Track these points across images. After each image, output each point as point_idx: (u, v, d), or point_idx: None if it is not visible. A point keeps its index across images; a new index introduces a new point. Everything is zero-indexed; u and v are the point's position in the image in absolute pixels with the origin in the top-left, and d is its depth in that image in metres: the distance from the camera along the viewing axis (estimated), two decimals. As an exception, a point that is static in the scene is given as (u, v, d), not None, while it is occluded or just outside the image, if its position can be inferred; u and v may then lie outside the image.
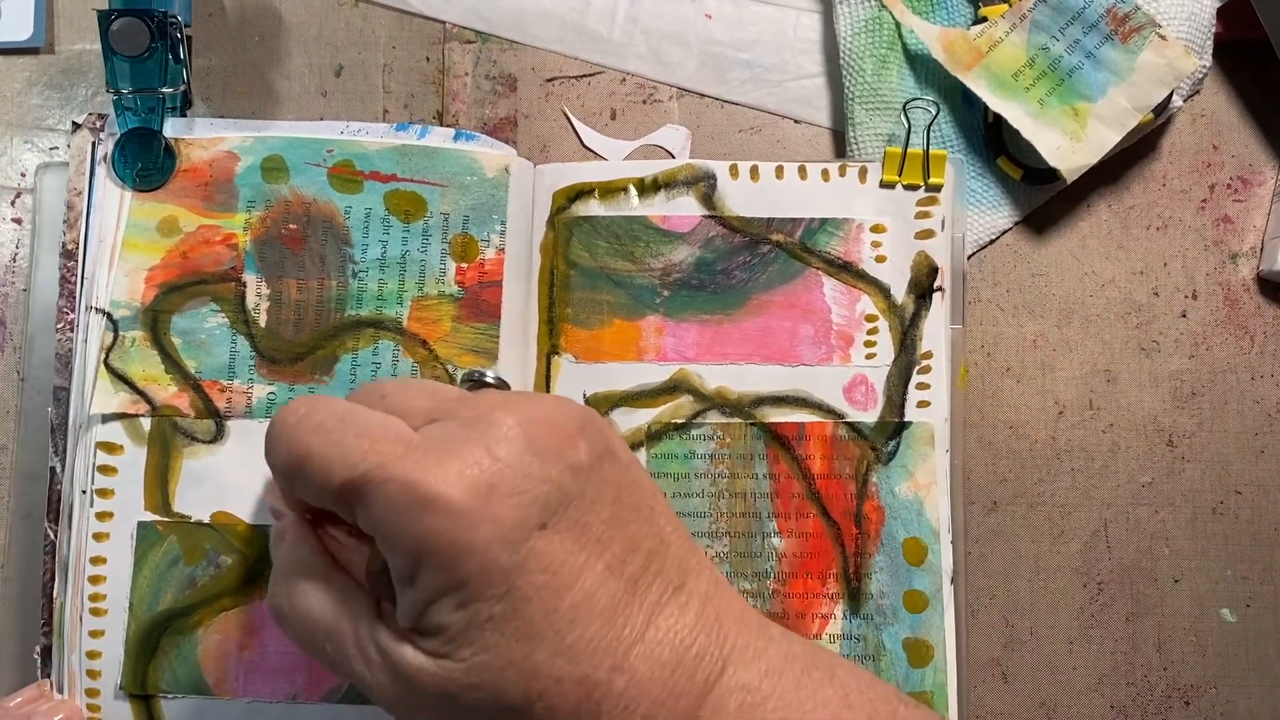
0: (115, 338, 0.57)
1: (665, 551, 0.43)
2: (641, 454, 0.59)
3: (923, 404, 0.59)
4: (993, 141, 0.62)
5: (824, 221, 0.60)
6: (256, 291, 0.58)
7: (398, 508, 0.39)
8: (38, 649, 0.57)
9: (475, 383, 0.50)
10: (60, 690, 0.56)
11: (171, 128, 0.59)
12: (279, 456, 0.43)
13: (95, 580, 0.56)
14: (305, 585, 0.44)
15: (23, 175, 0.63)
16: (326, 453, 0.41)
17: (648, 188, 0.61)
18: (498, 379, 0.50)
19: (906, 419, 0.59)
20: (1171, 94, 0.60)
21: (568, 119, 0.64)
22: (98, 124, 0.59)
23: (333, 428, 0.42)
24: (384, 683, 0.41)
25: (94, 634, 0.56)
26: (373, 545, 0.42)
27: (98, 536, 0.56)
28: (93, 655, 0.56)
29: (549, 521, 0.40)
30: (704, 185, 0.61)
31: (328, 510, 0.44)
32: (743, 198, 0.61)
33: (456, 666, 0.40)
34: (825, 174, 0.61)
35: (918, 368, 0.60)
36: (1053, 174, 0.61)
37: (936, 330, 0.60)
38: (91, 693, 0.56)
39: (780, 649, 0.44)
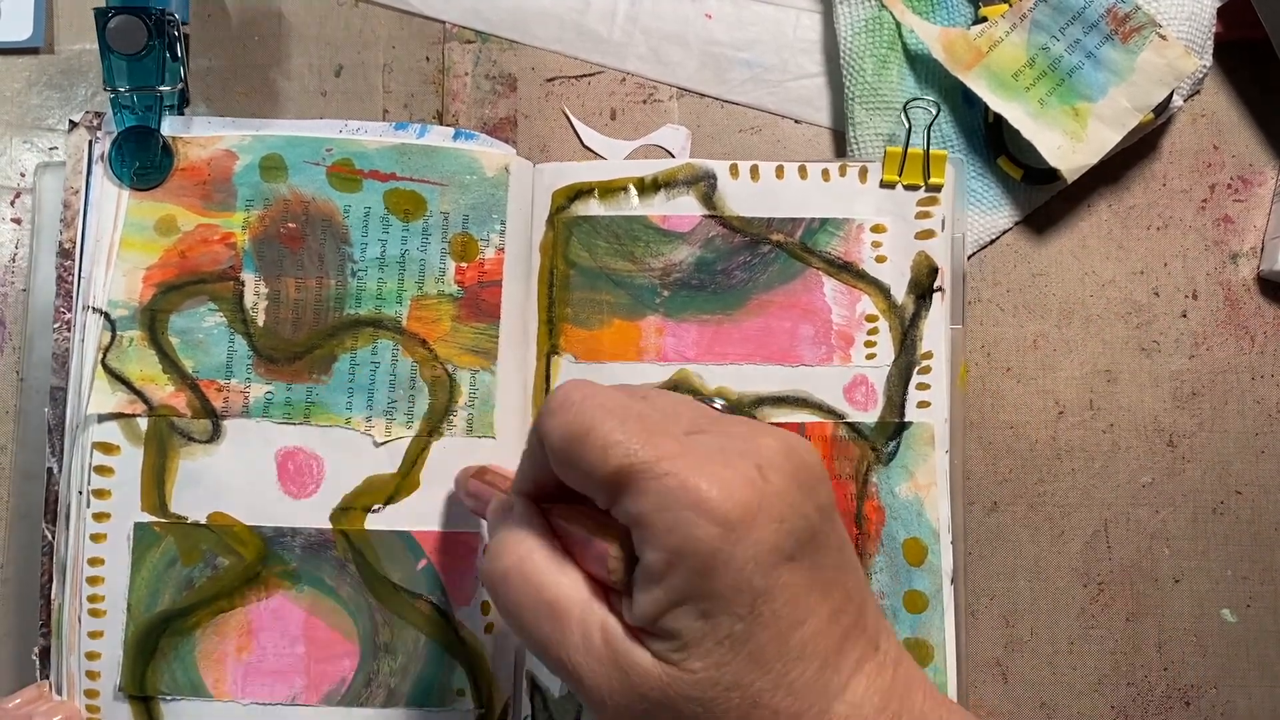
0: (113, 337, 0.57)
1: (866, 609, 0.43)
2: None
3: (923, 404, 0.59)
4: (993, 141, 0.62)
5: (824, 221, 0.60)
6: (255, 290, 0.58)
7: (670, 504, 0.39)
8: (36, 650, 0.57)
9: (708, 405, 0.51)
10: (60, 691, 0.56)
11: (169, 126, 0.59)
12: (557, 428, 0.42)
13: (94, 581, 0.56)
14: (541, 558, 0.44)
15: (22, 175, 0.63)
16: (609, 435, 0.40)
17: (648, 187, 0.61)
18: (725, 408, 0.52)
19: (906, 419, 0.59)
20: (1172, 94, 0.60)
21: (568, 119, 0.64)
22: (94, 122, 0.59)
23: (615, 410, 0.41)
24: (600, 674, 0.41)
25: (93, 635, 0.56)
26: (622, 534, 0.42)
27: (95, 537, 0.56)
28: (92, 656, 0.56)
29: (796, 555, 0.40)
30: (704, 185, 0.61)
31: (554, 498, 0.45)
32: (743, 197, 0.61)
33: (684, 676, 0.40)
34: (825, 174, 0.61)
35: (918, 368, 0.60)
36: (1053, 174, 0.61)
37: (936, 330, 0.60)
38: (91, 694, 0.56)
39: None
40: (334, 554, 0.57)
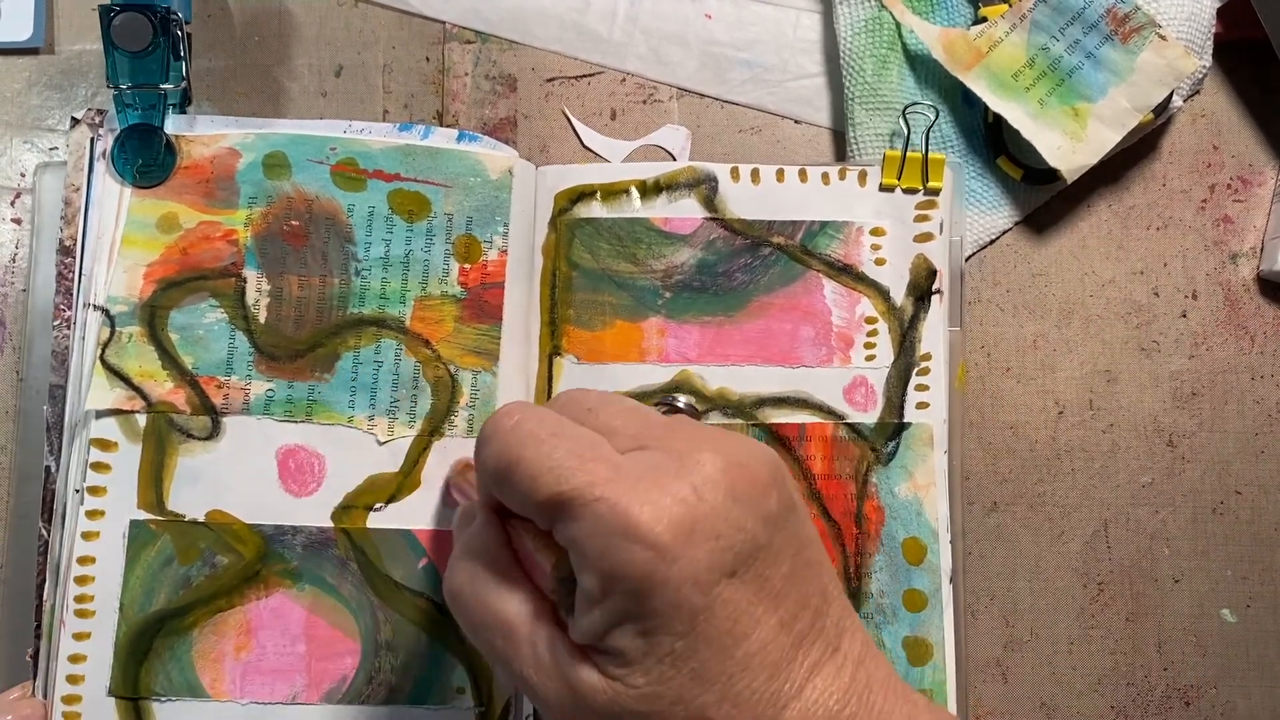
0: (112, 333, 0.57)
1: (827, 610, 0.43)
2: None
3: (922, 405, 0.59)
4: (993, 141, 0.62)
5: (824, 224, 0.61)
6: (257, 287, 0.58)
7: (601, 530, 0.39)
8: (29, 652, 0.56)
9: (668, 408, 0.50)
10: (45, 694, 0.55)
11: (173, 124, 0.59)
12: (489, 458, 0.43)
13: (82, 581, 0.55)
14: (490, 576, 0.44)
15: (22, 175, 0.63)
16: (538, 464, 0.41)
17: (649, 190, 0.61)
18: (689, 406, 0.53)
19: (906, 420, 0.59)
20: (1171, 94, 0.61)
21: (568, 119, 0.64)
22: (96, 120, 0.58)
23: (544, 439, 0.42)
24: (552, 690, 0.42)
25: (78, 636, 0.55)
26: (560, 555, 0.43)
27: (87, 536, 0.56)
28: (75, 659, 0.55)
29: (738, 570, 0.40)
30: (705, 188, 0.61)
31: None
32: (744, 200, 0.61)
33: (628, 692, 0.40)
34: (825, 177, 0.61)
35: (917, 369, 0.60)
36: (1053, 174, 0.61)
37: (935, 332, 0.60)
38: (70, 699, 0.55)
39: (925, 718, 0.44)
40: (335, 552, 0.57)
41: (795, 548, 0.42)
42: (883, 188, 0.61)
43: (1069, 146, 0.60)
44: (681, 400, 0.56)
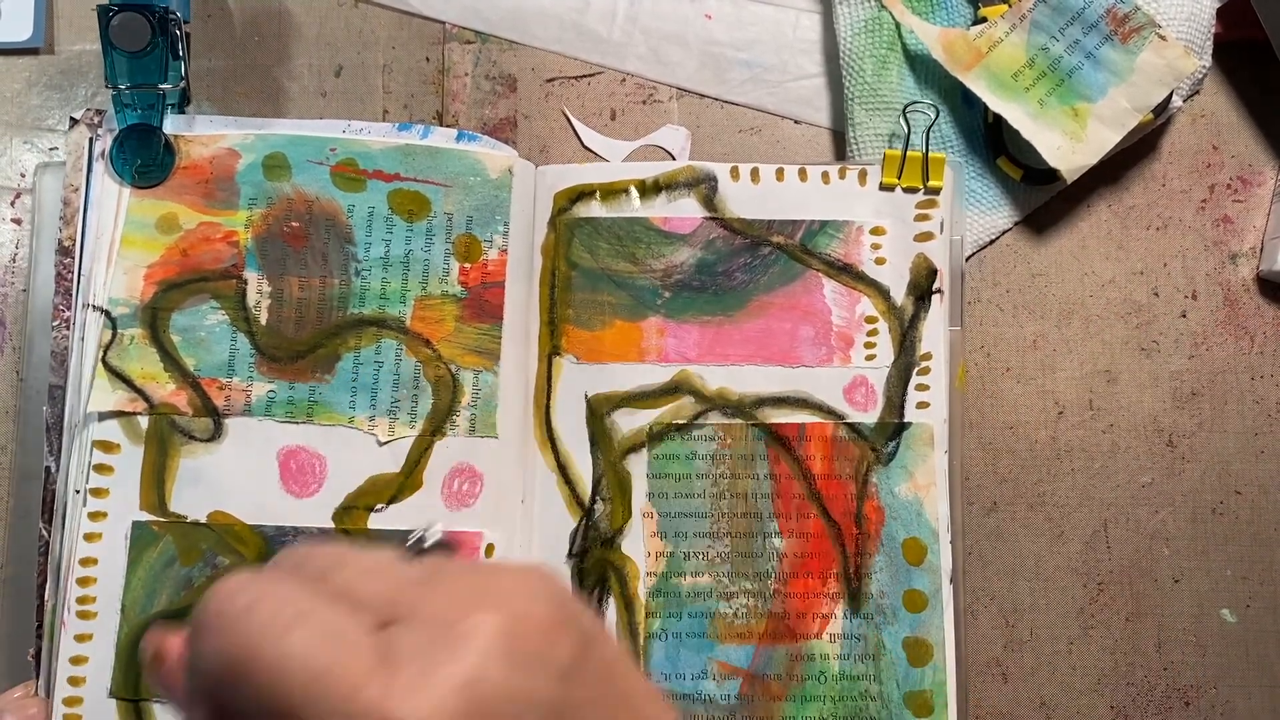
0: (113, 335, 0.57)
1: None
2: (643, 455, 0.59)
3: (922, 405, 0.59)
4: (993, 142, 0.62)
5: (824, 224, 0.61)
6: (257, 289, 0.58)
7: None
8: (30, 652, 0.56)
9: (419, 546, 0.45)
10: (48, 693, 0.55)
11: (172, 124, 0.59)
12: (210, 654, 0.33)
13: (84, 582, 0.55)
14: None
15: (22, 175, 0.63)
16: (278, 663, 0.32)
17: (649, 189, 0.61)
18: (442, 541, 0.44)
19: (906, 420, 0.59)
20: (1171, 94, 0.61)
21: (568, 119, 0.64)
22: (95, 120, 0.58)
23: (285, 626, 0.33)
24: None
25: (80, 638, 0.55)
26: None
27: (89, 537, 0.56)
28: (77, 661, 0.55)
29: None
30: (705, 187, 0.61)
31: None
32: (743, 200, 0.61)
33: None
34: (825, 176, 0.61)
35: (917, 369, 0.60)
36: (1053, 174, 0.61)
37: (935, 332, 0.60)
38: (71, 701, 0.55)
39: None
40: (336, 553, 0.57)
41: (604, 683, 0.36)
42: (883, 187, 0.61)
43: (1069, 146, 0.60)
44: (430, 534, 0.45)
